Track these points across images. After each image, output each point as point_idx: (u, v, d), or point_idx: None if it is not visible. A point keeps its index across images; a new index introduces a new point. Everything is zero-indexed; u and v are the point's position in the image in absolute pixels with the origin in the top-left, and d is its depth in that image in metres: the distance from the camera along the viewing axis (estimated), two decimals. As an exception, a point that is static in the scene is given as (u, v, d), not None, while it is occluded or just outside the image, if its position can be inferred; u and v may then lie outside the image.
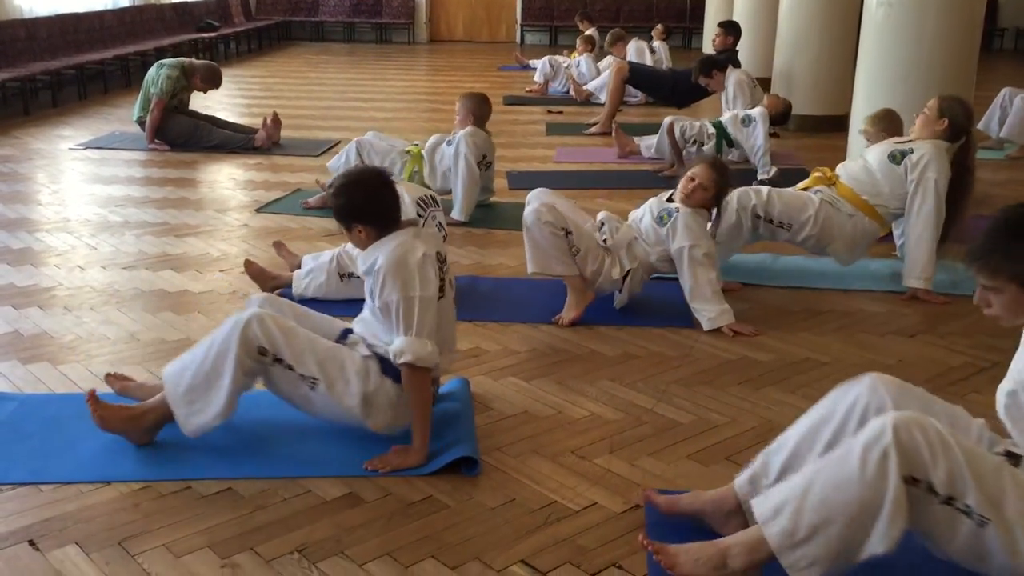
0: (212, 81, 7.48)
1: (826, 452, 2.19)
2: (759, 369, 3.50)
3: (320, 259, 4.05)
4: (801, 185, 4.55)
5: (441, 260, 2.85)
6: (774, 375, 3.45)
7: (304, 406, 2.82)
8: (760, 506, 2.11)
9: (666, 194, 4.03)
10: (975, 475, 1.96)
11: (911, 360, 3.60)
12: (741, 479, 2.36)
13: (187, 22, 13.45)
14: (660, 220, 3.89)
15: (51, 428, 2.91)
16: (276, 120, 7.52)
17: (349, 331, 2.94)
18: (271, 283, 4.10)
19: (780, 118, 6.82)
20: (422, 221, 3.92)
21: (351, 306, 3.99)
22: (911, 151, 4.22)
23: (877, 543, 1.98)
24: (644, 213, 4.00)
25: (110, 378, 3.07)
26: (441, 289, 2.80)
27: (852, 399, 2.26)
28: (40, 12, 10.64)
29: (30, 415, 3.01)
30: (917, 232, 4.20)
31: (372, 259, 2.77)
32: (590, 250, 3.89)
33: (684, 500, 2.46)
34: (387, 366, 2.78)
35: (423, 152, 5.59)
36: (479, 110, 5.47)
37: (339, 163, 5.66)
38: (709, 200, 3.90)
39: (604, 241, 3.95)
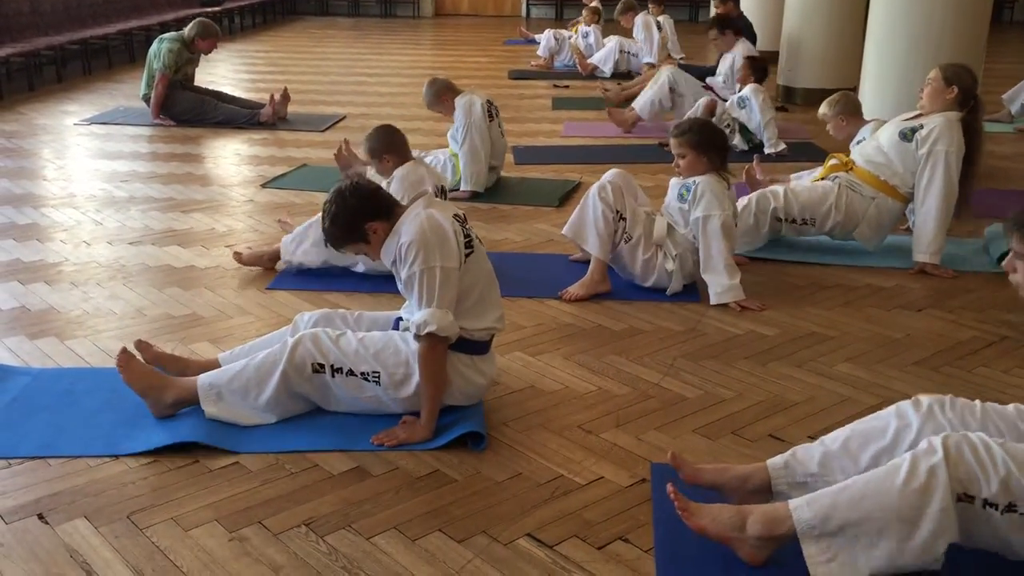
0: (210, 34, 7.40)
1: (869, 466, 2.16)
2: (766, 343, 3.49)
3: (309, 223, 4.07)
4: (818, 175, 4.53)
5: (461, 220, 2.83)
6: (781, 349, 3.44)
7: (376, 406, 2.83)
8: (794, 491, 2.11)
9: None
10: None
11: (918, 334, 3.59)
12: (776, 460, 2.31)
13: (191, -4, 13.37)
14: (680, 197, 3.88)
15: (63, 402, 2.92)
16: (285, 96, 7.49)
17: (399, 319, 2.96)
18: (268, 261, 4.13)
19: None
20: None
21: (349, 277, 4.01)
22: (921, 126, 4.19)
23: (913, 555, 1.96)
24: (671, 195, 3.99)
25: (142, 344, 3.05)
26: (469, 245, 2.81)
27: (907, 423, 2.21)
28: (44, -13, 10.58)
29: (43, 389, 3.02)
30: (927, 206, 4.17)
31: (394, 243, 2.75)
32: (643, 241, 3.88)
33: (709, 471, 2.40)
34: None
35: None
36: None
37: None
38: (702, 164, 3.82)
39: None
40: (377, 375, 2.78)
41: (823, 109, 4.86)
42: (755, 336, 3.55)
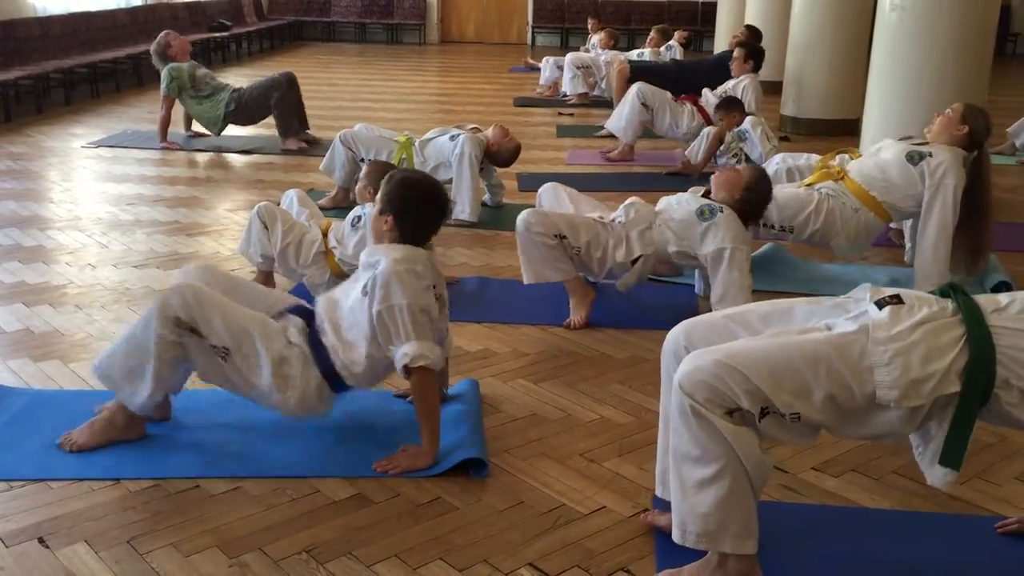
0: (179, 43, 7.46)
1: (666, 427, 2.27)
2: (769, 374, 3.48)
3: (249, 222, 4.11)
4: (807, 181, 4.53)
5: (438, 296, 2.82)
6: (784, 380, 3.43)
7: (221, 382, 2.77)
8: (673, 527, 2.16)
9: (701, 190, 3.98)
10: (766, 380, 1.98)
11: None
12: (657, 488, 2.45)
13: (200, 21, 13.49)
14: (701, 214, 3.75)
15: (62, 424, 2.91)
16: (313, 141, 7.57)
17: (299, 308, 2.91)
18: (265, 282, 4.14)
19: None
20: None
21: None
22: (930, 155, 4.20)
23: (757, 475, 2.05)
24: (680, 203, 3.88)
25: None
26: (439, 299, 2.82)
27: (665, 368, 2.34)
28: (53, 10, 10.68)
29: (41, 411, 3.02)
30: (932, 240, 4.17)
31: (377, 257, 2.75)
32: (591, 242, 3.85)
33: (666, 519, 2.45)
34: (319, 355, 2.74)
35: (415, 142, 5.57)
36: (503, 153, 5.50)
37: (331, 161, 5.65)
38: (740, 204, 3.77)
39: (613, 220, 3.93)
40: (227, 353, 2.68)
41: None
42: (758, 366, 3.54)
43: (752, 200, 3.81)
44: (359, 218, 3.93)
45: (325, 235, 4.03)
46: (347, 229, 3.97)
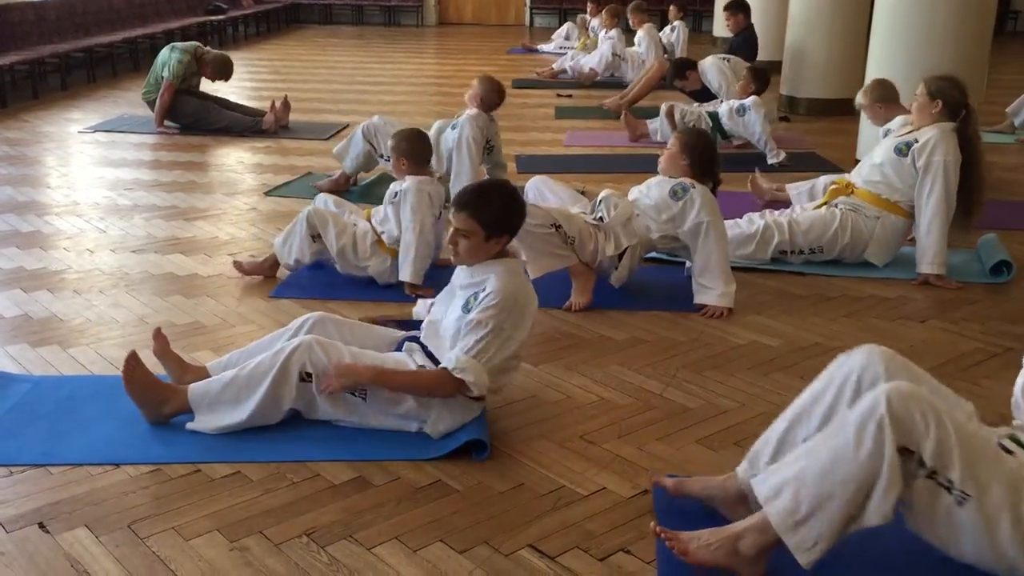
0: (222, 73, 7.44)
1: (822, 426, 2.19)
2: (768, 354, 3.48)
3: (295, 220, 4.09)
4: (821, 201, 4.53)
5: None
6: (783, 360, 3.43)
7: (359, 421, 2.82)
8: (760, 485, 2.11)
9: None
10: (963, 451, 1.96)
11: (922, 345, 3.58)
12: (743, 464, 2.36)
13: (196, 5, 13.42)
14: (674, 194, 3.84)
15: (63, 410, 2.92)
16: (286, 104, 7.52)
17: (410, 338, 2.96)
18: (268, 268, 4.15)
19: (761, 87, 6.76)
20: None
21: (352, 285, 4.01)
22: (916, 140, 4.19)
23: (873, 515, 1.99)
24: (650, 189, 3.97)
25: (159, 335, 3.03)
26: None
27: (846, 372, 2.25)
28: (48, -6, 10.62)
29: (43, 397, 3.02)
30: (928, 217, 4.16)
31: (483, 276, 2.75)
32: (582, 234, 3.87)
33: (693, 484, 2.45)
34: None
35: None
36: (488, 96, 5.44)
37: (346, 148, 5.65)
38: (686, 167, 3.88)
39: (600, 219, 3.94)
40: (364, 393, 2.76)
41: (859, 99, 4.87)
42: (758, 346, 3.55)
43: (698, 159, 3.88)
44: (396, 193, 3.99)
45: (370, 220, 4.09)
46: (387, 208, 4.02)
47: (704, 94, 7.44)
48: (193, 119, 7.31)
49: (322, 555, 2.28)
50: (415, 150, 4.08)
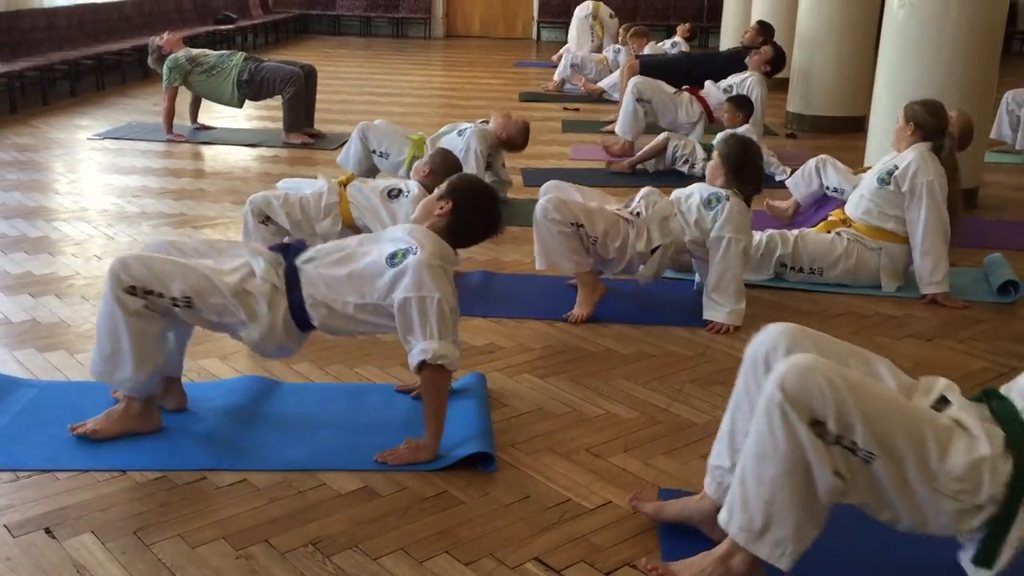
0: (168, 39, 7.48)
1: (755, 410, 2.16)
2: (775, 370, 3.48)
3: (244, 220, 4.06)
4: (816, 229, 4.53)
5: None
6: (790, 376, 3.43)
7: (204, 326, 2.79)
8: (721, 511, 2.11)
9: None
10: (864, 411, 1.93)
11: (928, 363, 3.58)
12: (707, 479, 2.35)
13: (205, 14, 13.48)
14: (708, 203, 3.86)
15: (70, 416, 2.92)
16: (317, 136, 7.56)
17: (284, 246, 2.92)
18: None
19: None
20: None
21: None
22: (895, 167, 4.21)
23: (826, 496, 1.98)
24: (693, 192, 3.97)
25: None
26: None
27: (754, 354, 2.24)
28: (59, 2, 10.66)
29: (50, 402, 3.03)
30: (924, 239, 4.16)
31: (414, 242, 2.72)
32: (608, 231, 3.85)
33: (671, 508, 2.44)
34: (291, 288, 2.74)
35: (426, 139, 5.58)
36: (513, 139, 5.56)
37: (347, 154, 5.67)
38: (726, 175, 3.88)
39: (637, 214, 3.93)
40: (189, 300, 2.67)
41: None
42: (764, 362, 3.54)
43: (734, 164, 3.88)
44: (399, 191, 3.97)
45: (344, 186, 4.07)
46: (383, 197, 4.00)
47: (703, 80, 7.49)
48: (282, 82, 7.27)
49: (328, 565, 2.28)
50: (446, 169, 3.98)
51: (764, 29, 8.54)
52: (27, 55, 9.06)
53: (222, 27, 13.23)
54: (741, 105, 6.52)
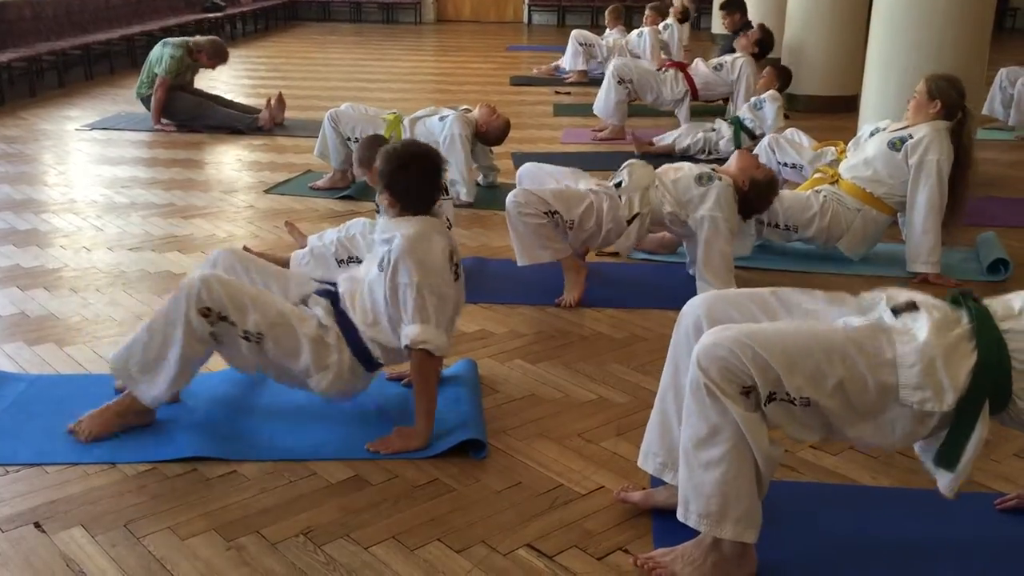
0: (219, 56, 7.43)
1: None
2: (767, 352, 3.47)
3: (324, 239, 4.00)
4: (803, 186, 4.55)
5: (453, 259, 2.80)
6: (782, 358, 3.42)
7: (253, 368, 2.77)
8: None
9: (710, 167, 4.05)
10: (783, 363, 1.96)
11: (920, 343, 3.57)
12: (670, 475, 2.33)
13: (193, 2, 13.40)
14: (699, 179, 3.86)
15: (59, 409, 2.90)
16: (280, 100, 7.50)
17: (324, 291, 2.89)
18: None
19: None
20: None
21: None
22: (910, 136, 4.18)
23: (766, 466, 2.03)
24: (683, 168, 3.97)
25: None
26: (456, 278, 2.79)
27: (680, 330, 2.28)
28: (46, -8, 10.59)
29: (39, 396, 3.01)
30: (921, 215, 4.16)
31: (392, 233, 2.73)
32: (583, 213, 3.83)
33: (658, 495, 2.43)
34: (348, 334, 2.74)
35: (403, 119, 5.52)
36: (492, 133, 5.48)
37: (323, 145, 5.61)
38: (740, 189, 3.88)
39: (619, 183, 3.92)
40: (261, 338, 2.66)
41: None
42: (756, 344, 3.54)
43: (753, 195, 3.90)
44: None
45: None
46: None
47: (729, 41, 7.51)
48: (189, 116, 7.29)
49: (319, 554, 2.27)
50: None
51: (736, 7, 8.56)
52: (14, 46, 9.00)
53: (210, 15, 13.15)
54: (782, 74, 6.64)
